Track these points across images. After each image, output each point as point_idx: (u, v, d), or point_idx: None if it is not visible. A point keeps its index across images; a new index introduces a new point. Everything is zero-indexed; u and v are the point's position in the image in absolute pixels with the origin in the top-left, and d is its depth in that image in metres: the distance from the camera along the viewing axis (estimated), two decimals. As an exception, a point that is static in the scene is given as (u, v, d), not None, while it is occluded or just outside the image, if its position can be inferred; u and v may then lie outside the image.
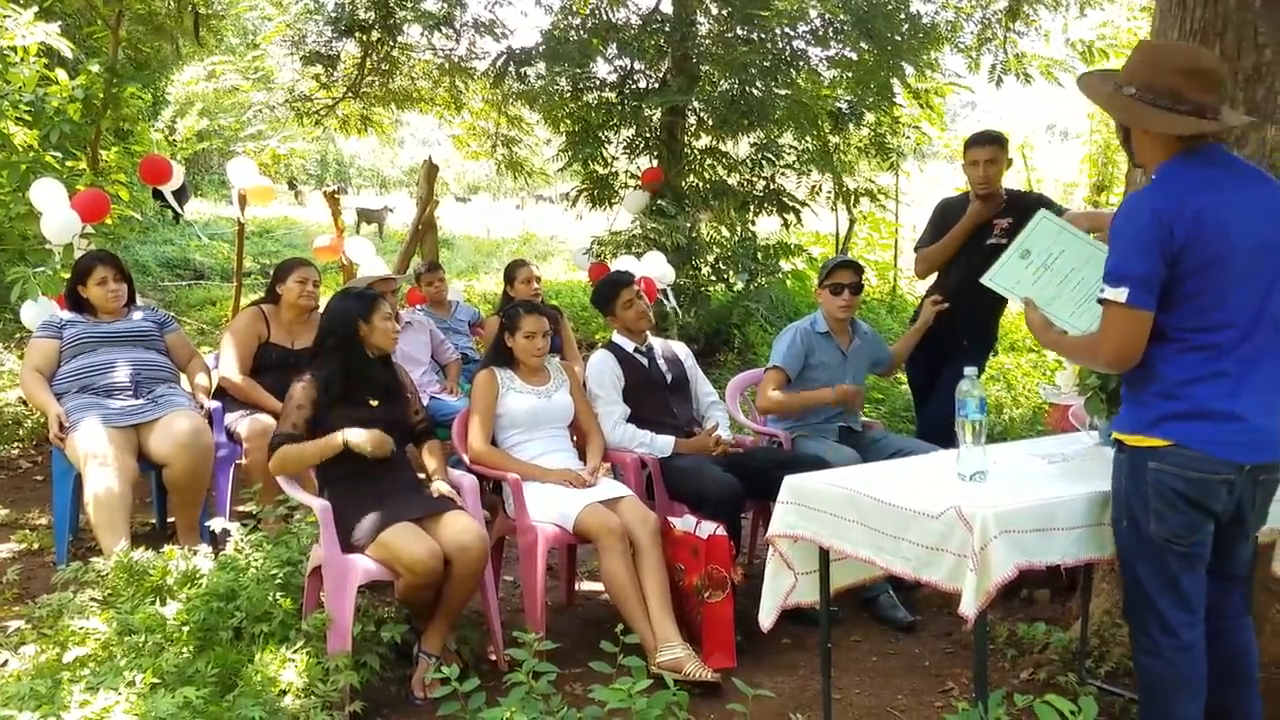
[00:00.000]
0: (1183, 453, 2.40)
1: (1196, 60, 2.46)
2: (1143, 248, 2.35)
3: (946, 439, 4.16)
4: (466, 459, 3.99)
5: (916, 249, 5.23)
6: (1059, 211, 4.68)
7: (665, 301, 7.47)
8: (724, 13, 9.05)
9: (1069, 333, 2.68)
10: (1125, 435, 2.51)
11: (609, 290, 4.47)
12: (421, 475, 3.88)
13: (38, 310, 4.98)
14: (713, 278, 9.71)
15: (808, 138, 9.39)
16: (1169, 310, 2.39)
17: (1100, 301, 2.43)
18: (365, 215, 22.87)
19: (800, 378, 4.47)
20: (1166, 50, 2.60)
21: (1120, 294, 2.36)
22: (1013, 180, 7.03)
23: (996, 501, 2.49)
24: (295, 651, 3.04)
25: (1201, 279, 2.36)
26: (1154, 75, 2.44)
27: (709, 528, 3.71)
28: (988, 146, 4.72)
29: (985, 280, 2.88)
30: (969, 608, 2.40)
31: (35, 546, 4.69)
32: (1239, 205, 2.38)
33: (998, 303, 4.92)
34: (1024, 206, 4.74)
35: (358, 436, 3.45)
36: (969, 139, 4.91)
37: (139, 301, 4.88)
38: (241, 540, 3.62)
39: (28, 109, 6.02)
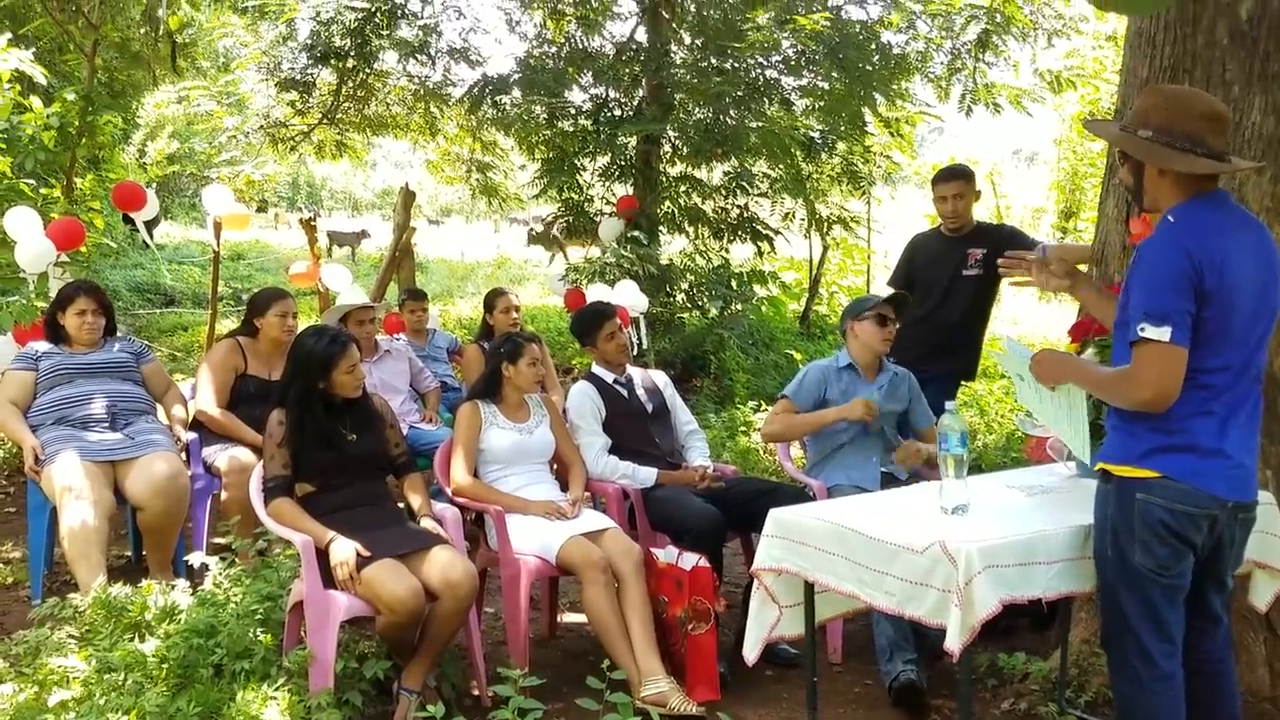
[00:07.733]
0: (1171, 485, 2.44)
1: (1216, 107, 2.51)
2: (1179, 286, 2.36)
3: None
4: (449, 491, 3.98)
5: (889, 284, 5.31)
6: (1030, 244, 4.78)
7: (635, 332, 7.41)
8: (698, 42, 9.15)
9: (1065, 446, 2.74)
10: (1113, 466, 2.53)
11: (593, 320, 4.47)
12: (400, 505, 3.87)
13: None
14: (687, 305, 9.76)
15: (780, 166, 9.48)
16: None
17: (1136, 342, 2.39)
18: (337, 239, 22.84)
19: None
20: (1187, 96, 2.59)
21: (1164, 332, 2.34)
22: (982, 207, 7.15)
23: (980, 536, 2.52)
24: (277, 689, 3.01)
25: (1216, 322, 2.39)
26: (1174, 119, 2.46)
27: (692, 559, 3.71)
28: (955, 182, 4.81)
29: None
30: (954, 643, 2.42)
31: (9, 581, 4.62)
32: (1241, 251, 2.43)
33: (973, 335, 4.99)
34: (996, 238, 4.83)
35: (341, 554, 3.30)
36: (936, 175, 5.00)
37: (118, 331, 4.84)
38: (220, 575, 3.59)
39: (1, 136, 5.99)
